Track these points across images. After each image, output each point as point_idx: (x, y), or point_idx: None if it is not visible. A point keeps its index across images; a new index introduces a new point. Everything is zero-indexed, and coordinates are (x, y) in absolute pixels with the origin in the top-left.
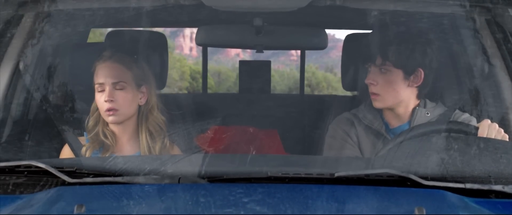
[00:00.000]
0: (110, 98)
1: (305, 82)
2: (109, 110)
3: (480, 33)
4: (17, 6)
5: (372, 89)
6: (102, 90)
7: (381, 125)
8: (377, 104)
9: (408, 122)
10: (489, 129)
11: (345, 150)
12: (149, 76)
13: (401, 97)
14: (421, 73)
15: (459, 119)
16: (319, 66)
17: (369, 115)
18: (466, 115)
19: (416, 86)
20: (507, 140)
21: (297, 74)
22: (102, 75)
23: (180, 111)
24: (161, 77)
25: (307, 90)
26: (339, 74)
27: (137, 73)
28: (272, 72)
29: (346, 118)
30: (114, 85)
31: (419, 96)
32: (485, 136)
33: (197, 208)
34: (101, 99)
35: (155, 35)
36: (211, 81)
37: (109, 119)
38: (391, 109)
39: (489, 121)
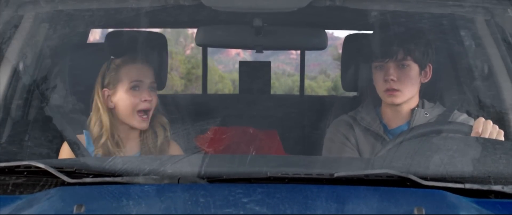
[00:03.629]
0: (149, 98)
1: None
2: (144, 110)
3: (479, 34)
4: (17, 6)
5: (392, 85)
6: (136, 89)
7: (380, 127)
8: (395, 100)
9: (407, 123)
10: (484, 126)
11: (344, 153)
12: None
13: (414, 92)
14: (431, 68)
15: (457, 119)
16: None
17: (367, 116)
18: (464, 116)
19: (423, 83)
20: (502, 136)
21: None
22: (139, 74)
23: (180, 111)
24: (161, 78)
25: None
26: (331, 77)
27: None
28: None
29: (344, 120)
30: (151, 85)
31: (420, 95)
32: (479, 132)
33: (197, 208)
34: (134, 99)
35: (155, 36)
36: (230, 86)
37: (141, 124)
38: (394, 107)
39: (483, 118)
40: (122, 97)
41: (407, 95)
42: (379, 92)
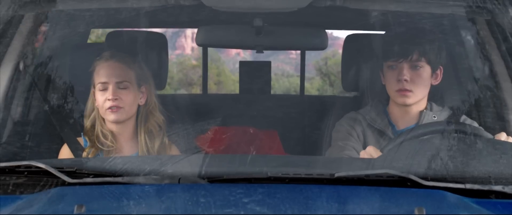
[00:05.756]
0: (114, 96)
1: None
2: (112, 107)
3: (480, 34)
4: (17, 6)
5: (404, 85)
6: (104, 89)
7: (388, 126)
8: (407, 100)
9: (415, 125)
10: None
11: (348, 147)
12: (149, 77)
13: (425, 94)
14: (441, 71)
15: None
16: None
17: (375, 116)
18: (475, 123)
19: (433, 85)
20: None
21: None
22: (105, 75)
23: (180, 111)
24: (161, 78)
25: None
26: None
27: (138, 73)
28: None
29: (353, 118)
30: (118, 84)
31: (428, 97)
32: None
33: (197, 208)
34: (102, 98)
35: (155, 36)
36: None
37: (111, 116)
38: (403, 107)
39: (505, 134)
40: (96, 97)
41: (419, 97)
42: (390, 92)
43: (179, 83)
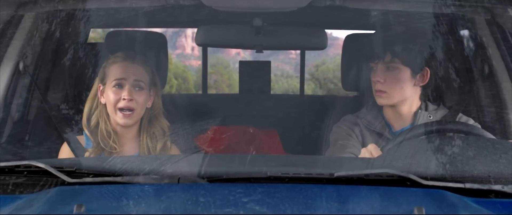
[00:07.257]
0: (130, 97)
1: None
2: (125, 109)
3: (479, 33)
4: (17, 6)
5: (378, 86)
6: (119, 87)
7: (385, 128)
8: (382, 101)
9: (411, 125)
10: None
11: (349, 145)
12: (158, 81)
13: (406, 95)
14: (428, 72)
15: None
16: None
17: (372, 118)
18: (471, 121)
19: (421, 86)
20: None
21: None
22: (123, 72)
23: (180, 111)
24: (161, 78)
25: None
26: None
27: (151, 76)
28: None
29: (350, 120)
30: (135, 83)
31: (421, 97)
32: None
33: (197, 208)
34: (115, 96)
35: (155, 36)
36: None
37: (122, 120)
38: (393, 108)
39: None
40: (107, 94)
41: (396, 98)
42: (373, 93)
43: (197, 86)
